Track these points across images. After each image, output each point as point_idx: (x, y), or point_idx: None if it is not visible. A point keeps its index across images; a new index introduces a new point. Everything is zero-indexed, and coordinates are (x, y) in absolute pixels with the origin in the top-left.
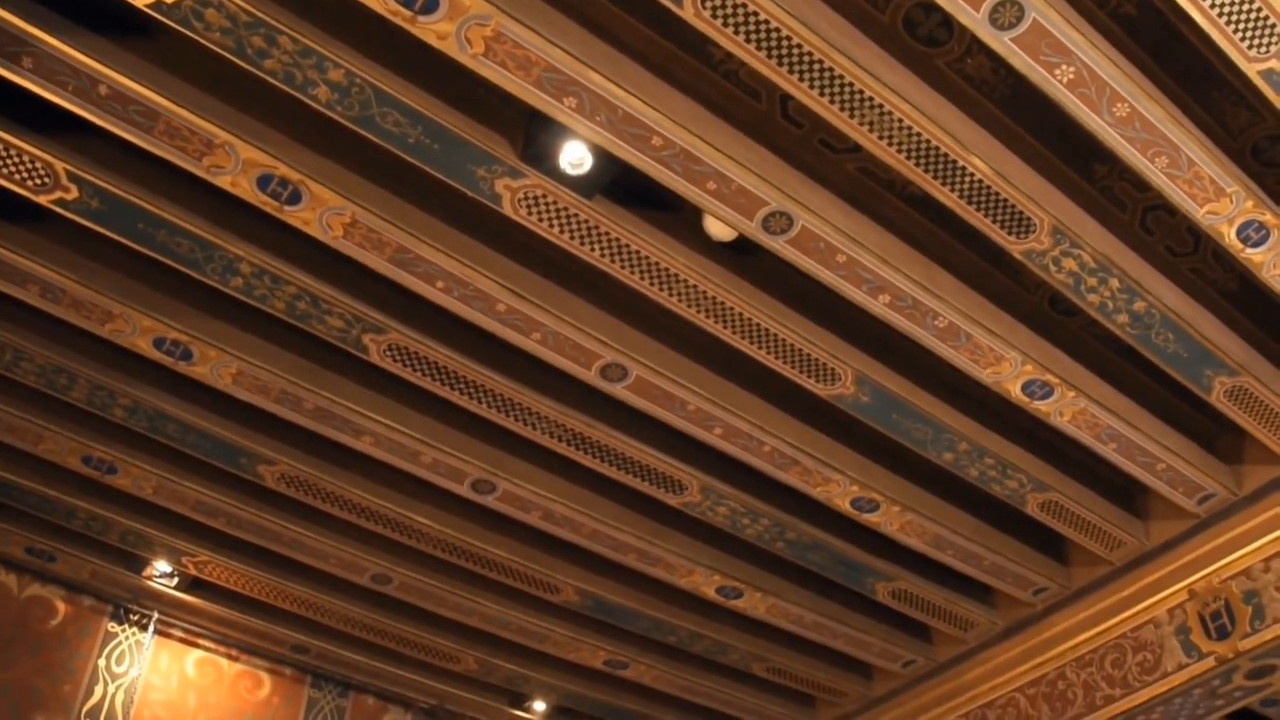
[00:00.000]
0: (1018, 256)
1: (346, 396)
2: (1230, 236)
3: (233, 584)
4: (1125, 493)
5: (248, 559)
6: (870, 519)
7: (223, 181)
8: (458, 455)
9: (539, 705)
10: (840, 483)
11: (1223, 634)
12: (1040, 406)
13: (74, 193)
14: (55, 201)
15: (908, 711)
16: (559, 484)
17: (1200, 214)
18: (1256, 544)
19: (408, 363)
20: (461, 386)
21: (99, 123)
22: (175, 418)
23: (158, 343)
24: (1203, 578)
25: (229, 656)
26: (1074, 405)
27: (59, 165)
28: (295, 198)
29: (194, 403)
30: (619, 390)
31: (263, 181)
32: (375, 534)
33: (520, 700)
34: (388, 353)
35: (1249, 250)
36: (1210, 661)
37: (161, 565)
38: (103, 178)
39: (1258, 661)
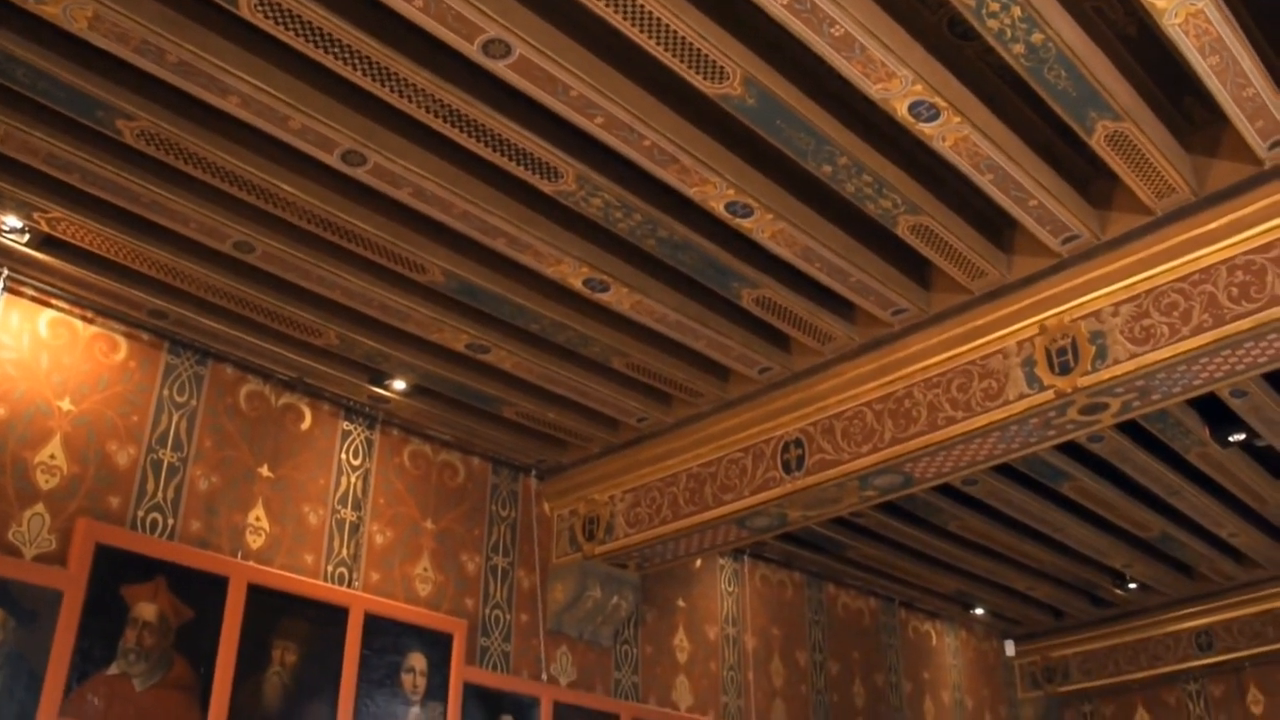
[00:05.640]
0: None
1: (212, 51)
2: None
3: (88, 243)
4: (994, 225)
5: (104, 218)
6: (743, 224)
7: None
8: (328, 123)
9: (398, 384)
10: (717, 185)
11: (1065, 370)
12: (924, 129)
13: None
14: None
15: (760, 415)
16: (432, 161)
17: None
18: (1110, 288)
19: (280, 20)
20: (336, 50)
21: None
22: (24, 61)
23: None
24: (1055, 315)
25: (84, 318)
26: (958, 131)
27: None
28: None
29: (47, 46)
30: (500, 68)
31: None
32: (239, 200)
33: (380, 378)
34: (259, 7)
35: None
36: (1050, 394)
37: (11, 220)
38: None
39: (1093, 398)
